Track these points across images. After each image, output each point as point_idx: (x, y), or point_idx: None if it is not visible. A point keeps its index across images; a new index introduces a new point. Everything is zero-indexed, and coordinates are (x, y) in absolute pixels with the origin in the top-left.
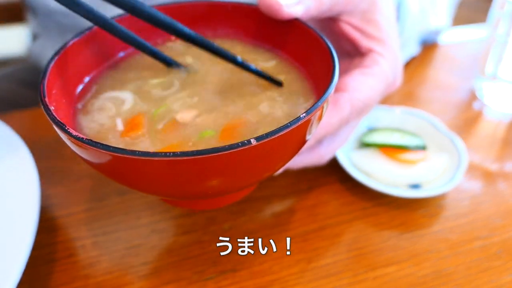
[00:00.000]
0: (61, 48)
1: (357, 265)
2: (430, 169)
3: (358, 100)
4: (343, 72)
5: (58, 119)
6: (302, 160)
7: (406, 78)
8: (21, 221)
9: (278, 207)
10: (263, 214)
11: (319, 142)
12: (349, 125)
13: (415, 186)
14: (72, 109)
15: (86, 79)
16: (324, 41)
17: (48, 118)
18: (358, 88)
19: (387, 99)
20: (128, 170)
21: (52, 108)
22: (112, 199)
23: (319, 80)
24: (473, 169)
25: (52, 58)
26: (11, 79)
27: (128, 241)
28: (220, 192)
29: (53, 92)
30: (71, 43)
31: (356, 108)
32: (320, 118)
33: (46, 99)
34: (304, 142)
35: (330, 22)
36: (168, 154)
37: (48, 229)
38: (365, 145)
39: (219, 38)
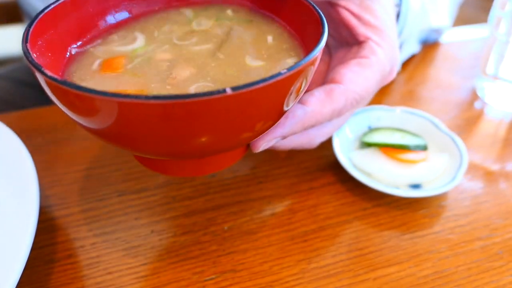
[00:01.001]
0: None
1: (358, 265)
2: (431, 169)
3: (353, 92)
4: (340, 61)
5: (35, 60)
6: (291, 140)
7: (407, 77)
8: (20, 221)
9: (278, 207)
10: (263, 214)
11: (306, 130)
12: (341, 115)
13: (416, 186)
14: (63, 62)
15: (79, 42)
16: (316, 10)
17: (27, 62)
18: (354, 80)
19: (387, 99)
20: (91, 110)
21: (34, 55)
22: (112, 200)
23: (310, 46)
24: (474, 169)
25: (45, 8)
26: (9, 79)
27: (127, 242)
28: (196, 149)
29: (39, 42)
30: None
31: (351, 100)
32: (301, 85)
33: (28, 45)
34: (282, 103)
35: (329, 8)
36: (137, 96)
37: (47, 230)
38: (365, 145)
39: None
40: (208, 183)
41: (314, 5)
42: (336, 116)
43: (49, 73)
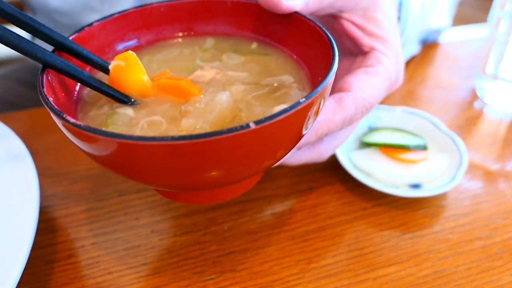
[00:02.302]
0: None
1: (358, 265)
2: (431, 169)
3: (362, 99)
4: (346, 71)
5: (55, 107)
6: (302, 156)
7: (407, 77)
8: (21, 221)
9: (278, 207)
10: (263, 214)
11: (320, 139)
12: (351, 124)
13: (416, 186)
14: (73, 101)
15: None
16: (323, 30)
17: (46, 107)
18: (362, 88)
19: (387, 99)
20: (121, 155)
21: (51, 99)
22: (112, 200)
23: (320, 72)
24: (474, 169)
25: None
26: (10, 79)
27: (127, 242)
28: (219, 181)
29: (53, 84)
30: (74, 36)
31: (361, 107)
32: (319, 107)
33: (45, 90)
34: (301, 130)
35: (332, 19)
36: (164, 138)
37: (47, 230)
38: (365, 145)
39: (217, 35)
40: None
41: (321, 26)
42: (347, 124)
43: (71, 120)
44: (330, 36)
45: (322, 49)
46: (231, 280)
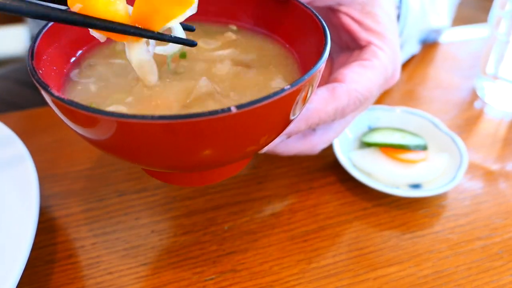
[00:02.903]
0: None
1: (358, 265)
2: (431, 169)
3: (356, 91)
4: (342, 65)
5: (42, 80)
6: (293, 146)
7: (407, 77)
8: (21, 222)
9: (278, 207)
10: (263, 214)
11: (313, 130)
12: (345, 118)
13: (416, 186)
14: (63, 77)
15: (79, 52)
16: (317, 17)
17: (33, 80)
18: (357, 80)
19: (387, 99)
20: (103, 131)
21: (40, 72)
22: (112, 200)
23: (309, 61)
24: (474, 169)
25: (45, 24)
26: (9, 79)
27: (127, 242)
28: (205, 162)
29: (43, 57)
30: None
31: (354, 99)
32: (306, 96)
33: (34, 62)
34: (288, 118)
35: (330, 13)
36: (144, 116)
37: (47, 230)
38: (365, 145)
39: (212, 21)
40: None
41: (316, 13)
42: (340, 115)
43: (55, 93)
44: (323, 22)
45: (315, 37)
46: (231, 280)
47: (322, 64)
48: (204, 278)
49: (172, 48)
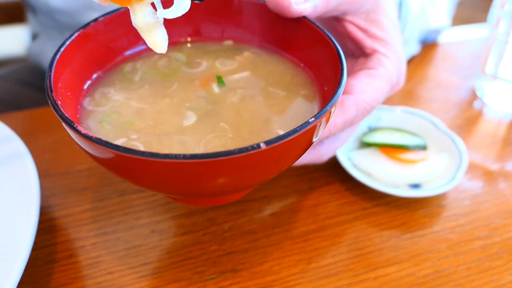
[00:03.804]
0: (67, 39)
1: (358, 265)
2: (431, 169)
3: (364, 101)
4: (348, 73)
5: (66, 115)
6: (303, 158)
7: (407, 77)
8: (21, 222)
9: (278, 207)
10: (263, 214)
11: (321, 141)
12: (352, 127)
13: (416, 186)
14: (78, 103)
15: (94, 75)
16: (333, 42)
17: (56, 114)
18: (364, 90)
19: (387, 99)
20: (133, 168)
21: (59, 102)
22: (112, 200)
23: (325, 81)
24: (474, 169)
25: (58, 49)
26: (10, 79)
27: (128, 242)
28: (228, 192)
29: (59, 85)
30: (77, 34)
31: (362, 110)
32: (327, 121)
33: (53, 94)
34: (310, 144)
35: (335, 22)
36: (176, 156)
37: (48, 230)
38: (365, 145)
39: (226, 40)
40: None
41: (329, 34)
42: (348, 126)
43: (83, 131)
44: (339, 47)
45: (330, 61)
46: (231, 280)
47: (340, 94)
48: (204, 278)
49: (178, 11)
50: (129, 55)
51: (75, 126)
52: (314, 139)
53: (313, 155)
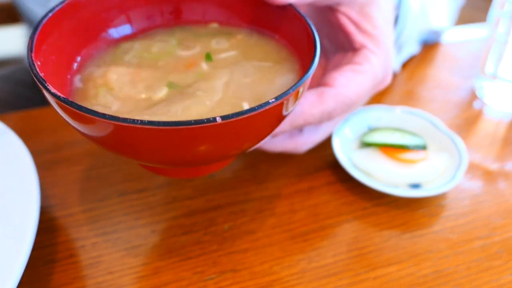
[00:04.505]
0: (55, 6)
1: (358, 265)
2: (431, 169)
3: (344, 96)
4: (335, 66)
5: (40, 74)
6: (279, 144)
7: (406, 77)
8: (21, 221)
9: (278, 207)
10: (263, 214)
11: (300, 131)
12: (332, 121)
13: (416, 186)
14: (66, 76)
15: (83, 52)
16: (311, 29)
17: (32, 74)
18: (346, 84)
19: (387, 99)
20: (106, 132)
21: (38, 63)
22: (112, 200)
23: (305, 67)
24: (474, 169)
25: (46, 15)
26: (9, 80)
27: (128, 242)
28: (192, 162)
29: (43, 48)
30: (62, 4)
31: (341, 103)
32: (291, 104)
33: (33, 54)
34: (272, 126)
35: (329, 12)
36: (136, 121)
37: (48, 230)
38: (365, 144)
39: (209, 22)
40: (208, 183)
41: (310, 22)
42: (326, 118)
43: (52, 89)
44: (315, 34)
45: (308, 45)
46: (231, 280)
47: (307, 79)
48: (205, 278)
49: None
50: (121, 37)
51: (46, 85)
52: (279, 121)
53: (291, 144)
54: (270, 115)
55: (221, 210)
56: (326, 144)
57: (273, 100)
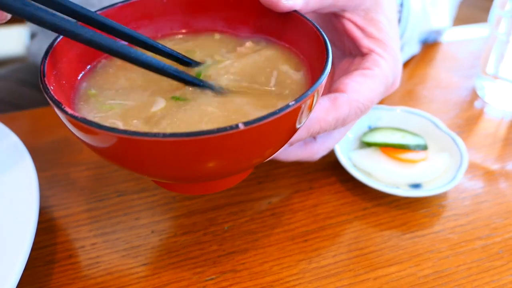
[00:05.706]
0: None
1: (358, 265)
2: (431, 169)
3: (357, 101)
4: (343, 72)
5: (55, 97)
6: (294, 153)
7: (407, 77)
8: (21, 222)
9: (278, 207)
10: (263, 214)
11: (313, 138)
12: (345, 126)
13: (416, 186)
14: (73, 93)
15: (88, 66)
16: (319, 31)
17: (46, 97)
18: (358, 89)
19: (387, 99)
20: (118, 148)
21: (51, 88)
22: (112, 200)
23: (316, 71)
24: (474, 169)
25: (55, 40)
26: (10, 79)
27: (127, 242)
28: (210, 176)
29: (54, 72)
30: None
31: (355, 109)
32: (310, 108)
33: (46, 79)
34: (294, 130)
35: (334, 18)
36: (156, 134)
37: (47, 230)
38: (365, 144)
39: (218, 32)
40: None
41: (318, 27)
42: (340, 124)
43: (69, 111)
44: (325, 37)
45: (318, 50)
46: (231, 280)
47: (323, 80)
48: (204, 278)
49: None
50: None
51: (62, 106)
52: (297, 125)
53: (306, 152)
54: (290, 119)
55: (221, 210)
56: None
57: (293, 102)
